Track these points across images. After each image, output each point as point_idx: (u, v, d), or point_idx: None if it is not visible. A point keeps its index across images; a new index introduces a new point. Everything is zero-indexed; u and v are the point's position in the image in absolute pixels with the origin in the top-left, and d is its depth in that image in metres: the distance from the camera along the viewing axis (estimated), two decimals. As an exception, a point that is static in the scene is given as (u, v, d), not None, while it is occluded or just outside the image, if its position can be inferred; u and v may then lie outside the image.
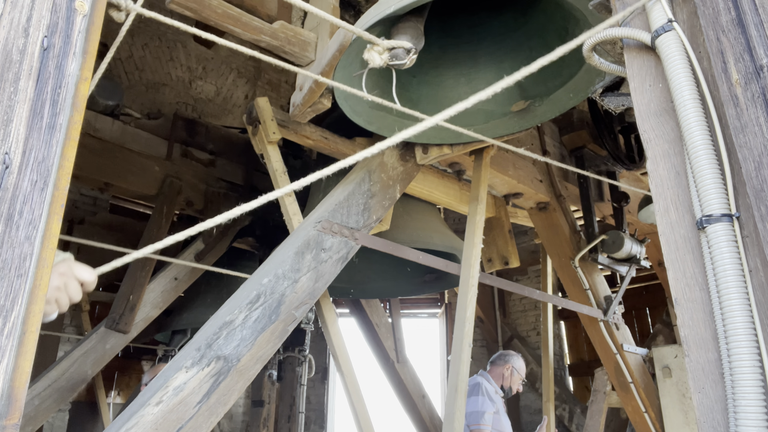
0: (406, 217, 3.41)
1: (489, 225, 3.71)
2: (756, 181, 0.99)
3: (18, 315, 0.83)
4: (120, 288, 3.58)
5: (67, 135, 0.95)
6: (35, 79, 0.92)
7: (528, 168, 3.64)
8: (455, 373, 2.56)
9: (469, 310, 2.67)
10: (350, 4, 2.85)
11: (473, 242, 2.82)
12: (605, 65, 1.44)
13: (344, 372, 2.55)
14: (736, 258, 1.01)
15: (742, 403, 0.94)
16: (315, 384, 7.71)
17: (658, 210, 1.17)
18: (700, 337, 1.05)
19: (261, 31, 2.05)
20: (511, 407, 6.85)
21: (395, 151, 2.77)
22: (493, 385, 3.54)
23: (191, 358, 1.79)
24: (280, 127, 2.68)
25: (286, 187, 1.26)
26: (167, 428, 1.67)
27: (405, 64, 1.83)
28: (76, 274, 1.08)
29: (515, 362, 3.72)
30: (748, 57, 1.05)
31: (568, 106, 2.48)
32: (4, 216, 0.85)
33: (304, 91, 2.26)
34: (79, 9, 0.99)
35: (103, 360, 3.53)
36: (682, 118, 1.13)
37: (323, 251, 2.26)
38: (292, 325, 2.10)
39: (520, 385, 3.70)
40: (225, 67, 6.74)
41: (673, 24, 1.19)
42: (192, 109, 6.38)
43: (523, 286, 3.28)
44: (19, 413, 0.81)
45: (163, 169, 4.02)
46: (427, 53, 2.41)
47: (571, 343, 7.01)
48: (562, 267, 3.77)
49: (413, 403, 5.09)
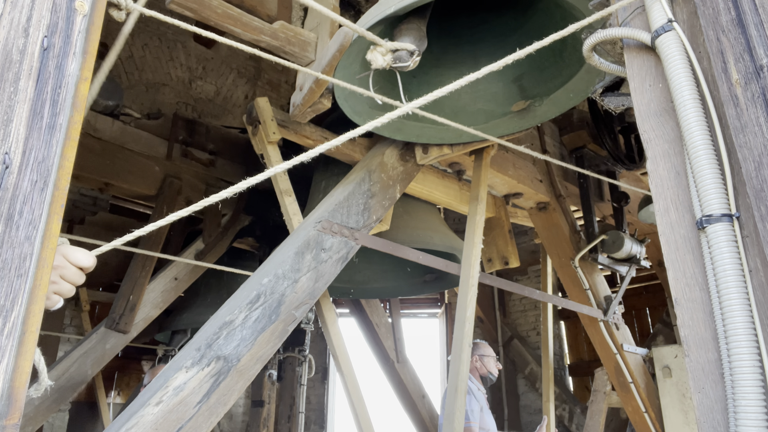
0: (406, 217, 3.41)
1: (489, 225, 3.71)
2: (756, 181, 0.99)
3: (18, 315, 0.83)
4: (120, 288, 3.58)
5: (67, 135, 0.95)
6: (35, 79, 0.92)
7: (528, 168, 3.64)
8: (455, 373, 2.56)
9: (469, 310, 2.67)
10: (350, 5, 2.85)
11: (473, 242, 2.82)
12: (605, 65, 1.44)
13: (344, 372, 2.55)
14: (736, 258, 1.01)
15: (742, 403, 0.94)
16: (315, 384, 7.71)
17: (658, 210, 1.17)
18: (700, 337, 1.05)
19: (261, 31, 2.05)
20: (511, 407, 6.85)
21: (395, 151, 2.77)
22: (475, 383, 3.54)
23: (191, 358, 1.79)
24: (280, 127, 2.68)
25: (279, 165, 1.26)
26: (167, 428, 1.67)
27: (408, 66, 1.83)
28: (72, 261, 1.03)
29: (478, 350, 3.70)
30: (748, 57, 1.05)
31: (568, 106, 2.48)
32: (4, 216, 0.85)
33: (304, 91, 2.26)
34: (79, 9, 0.99)
35: (103, 360, 3.53)
36: (682, 118, 1.13)
37: (323, 251, 2.26)
38: (292, 325, 2.10)
39: (495, 367, 3.70)
40: (225, 67, 6.74)
41: (673, 24, 1.19)
42: (192, 109, 6.38)
43: (523, 286, 3.28)
44: (19, 413, 0.81)
45: (163, 169, 4.02)
46: (428, 53, 2.41)
47: (571, 343, 7.01)
48: (562, 267, 3.77)
49: (413, 403, 5.09)
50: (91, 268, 1.07)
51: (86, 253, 1.06)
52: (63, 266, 1.02)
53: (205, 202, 1.18)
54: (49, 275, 0.90)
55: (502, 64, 1.38)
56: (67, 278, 1.03)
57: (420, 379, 5.24)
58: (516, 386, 6.96)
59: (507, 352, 7.04)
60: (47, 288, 0.90)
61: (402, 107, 1.39)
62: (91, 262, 1.06)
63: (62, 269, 1.02)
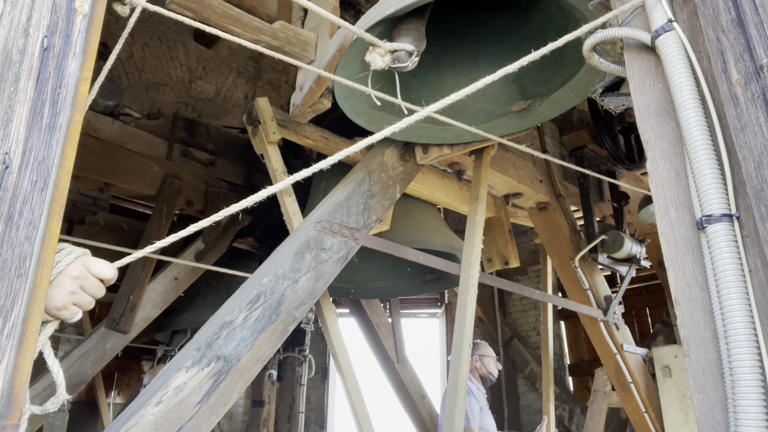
0: (406, 217, 3.41)
1: (489, 225, 3.71)
2: (756, 181, 0.99)
3: (18, 315, 0.83)
4: (120, 288, 3.58)
5: (67, 135, 0.95)
6: (35, 79, 0.92)
7: (528, 168, 3.64)
8: (455, 373, 2.56)
9: (469, 310, 2.67)
10: (350, 5, 2.85)
11: (473, 242, 2.82)
12: (605, 65, 1.44)
13: (344, 372, 2.55)
14: (736, 258, 1.01)
15: (742, 403, 0.94)
16: (315, 384, 7.71)
17: (658, 210, 1.17)
18: (700, 337, 1.05)
19: (261, 31, 2.05)
20: (511, 407, 6.85)
21: (395, 151, 2.77)
22: (475, 383, 3.55)
23: (191, 358, 1.79)
24: (280, 127, 2.68)
25: (282, 182, 1.26)
26: (167, 428, 1.67)
27: (407, 66, 1.83)
28: (93, 272, 1.00)
29: (478, 350, 3.71)
30: (748, 57, 1.05)
31: (568, 106, 2.48)
32: (4, 216, 0.85)
33: (304, 91, 2.26)
34: (79, 9, 0.99)
35: (103, 360, 3.53)
36: (682, 118, 1.13)
37: (323, 251, 2.26)
38: (292, 325, 2.10)
39: (495, 367, 3.70)
40: (225, 67, 6.74)
41: (673, 24, 1.19)
42: (192, 109, 6.38)
43: (523, 286, 3.28)
44: (19, 413, 0.81)
45: (163, 169, 4.02)
46: (428, 53, 2.41)
47: (571, 343, 7.01)
48: (562, 267, 3.77)
49: (413, 403, 5.09)
50: (113, 280, 1.04)
51: (108, 264, 1.03)
52: (84, 277, 0.99)
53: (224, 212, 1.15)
54: (49, 275, 0.90)
55: (515, 67, 1.37)
56: (87, 290, 1.00)
57: (420, 379, 5.24)
58: (516, 386, 6.96)
59: (507, 352, 7.04)
60: (47, 288, 0.90)
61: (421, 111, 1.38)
62: (112, 273, 1.03)
63: (83, 280, 0.99)
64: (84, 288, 1.00)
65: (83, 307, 1.00)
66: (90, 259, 1.02)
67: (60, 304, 0.96)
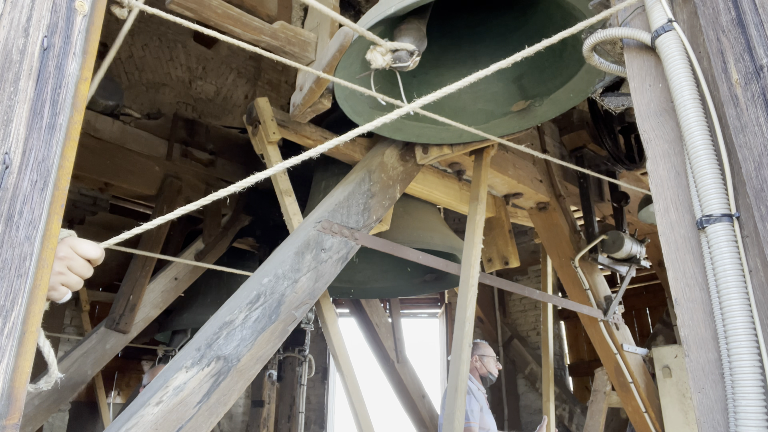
0: (406, 217, 3.41)
1: (489, 225, 3.71)
2: (756, 181, 0.99)
3: (18, 315, 0.83)
4: (120, 288, 3.58)
5: (67, 135, 0.95)
6: (35, 79, 0.92)
7: (528, 168, 3.64)
8: (455, 373, 2.56)
9: (469, 310, 2.67)
10: (350, 4, 2.85)
11: (473, 242, 2.82)
12: (605, 65, 1.44)
13: (344, 372, 2.55)
14: (736, 258, 1.01)
15: (742, 403, 0.94)
16: (315, 384, 7.70)
17: (658, 210, 1.17)
18: (700, 337, 1.05)
19: (261, 31, 2.05)
20: (511, 407, 6.85)
21: (395, 151, 2.77)
22: (475, 383, 3.55)
23: (191, 358, 1.79)
24: (280, 127, 2.68)
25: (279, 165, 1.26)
26: (167, 428, 1.67)
27: (408, 66, 1.83)
28: (79, 253, 1.02)
29: (479, 350, 3.72)
30: (748, 57, 1.05)
31: (568, 106, 2.48)
32: (4, 216, 0.85)
33: (304, 91, 2.26)
34: (79, 9, 0.99)
35: (103, 360, 3.53)
36: (682, 118, 1.13)
37: (323, 251, 2.26)
38: (292, 325, 2.10)
39: (495, 367, 3.71)
40: (225, 67, 6.74)
41: (673, 24, 1.19)
42: (192, 109, 6.37)
43: (523, 286, 3.28)
44: (19, 413, 0.81)
45: (163, 169, 4.02)
46: (428, 53, 2.41)
47: (571, 343, 7.00)
48: (562, 267, 3.77)
49: (413, 403, 5.09)
50: (100, 260, 1.06)
51: (94, 244, 1.05)
52: (70, 257, 1.01)
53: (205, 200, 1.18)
54: (49, 275, 0.90)
55: (509, 62, 1.37)
56: (74, 270, 1.02)
57: (420, 379, 5.24)
58: (516, 386, 6.96)
59: (507, 352, 7.04)
60: (47, 288, 0.90)
61: (403, 107, 1.39)
62: (99, 253, 1.05)
63: (70, 260, 1.01)
64: (71, 268, 1.01)
65: (71, 287, 1.02)
66: (76, 240, 1.03)
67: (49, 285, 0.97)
